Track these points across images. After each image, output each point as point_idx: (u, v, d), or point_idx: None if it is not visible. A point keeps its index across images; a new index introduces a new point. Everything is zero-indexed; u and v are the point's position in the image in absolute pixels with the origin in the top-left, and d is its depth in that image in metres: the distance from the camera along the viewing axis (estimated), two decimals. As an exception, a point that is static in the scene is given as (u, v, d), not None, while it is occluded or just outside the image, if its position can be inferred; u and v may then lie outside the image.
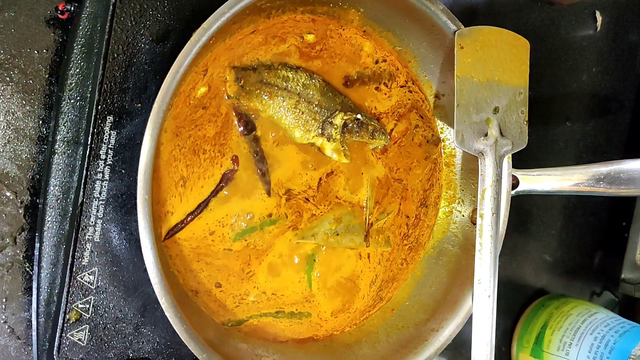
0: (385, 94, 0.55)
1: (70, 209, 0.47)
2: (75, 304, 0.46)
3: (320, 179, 0.53)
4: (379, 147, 0.55)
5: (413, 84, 0.57)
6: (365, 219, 0.55)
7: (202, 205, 0.49)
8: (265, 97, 0.50)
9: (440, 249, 0.59)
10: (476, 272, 0.50)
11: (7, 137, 0.48)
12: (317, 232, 0.53)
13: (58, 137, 0.47)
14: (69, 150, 0.47)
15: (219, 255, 0.50)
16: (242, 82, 0.50)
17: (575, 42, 0.67)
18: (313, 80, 0.52)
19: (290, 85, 0.51)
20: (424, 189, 0.58)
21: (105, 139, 0.46)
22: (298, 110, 0.51)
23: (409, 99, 0.56)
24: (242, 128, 0.50)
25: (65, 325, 0.46)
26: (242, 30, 0.49)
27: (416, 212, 0.58)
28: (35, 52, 0.48)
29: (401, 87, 0.56)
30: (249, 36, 0.49)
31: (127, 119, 0.47)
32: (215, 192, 0.50)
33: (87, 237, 0.46)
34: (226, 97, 0.50)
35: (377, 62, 0.55)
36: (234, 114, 0.50)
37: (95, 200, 0.46)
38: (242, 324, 0.52)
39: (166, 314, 0.43)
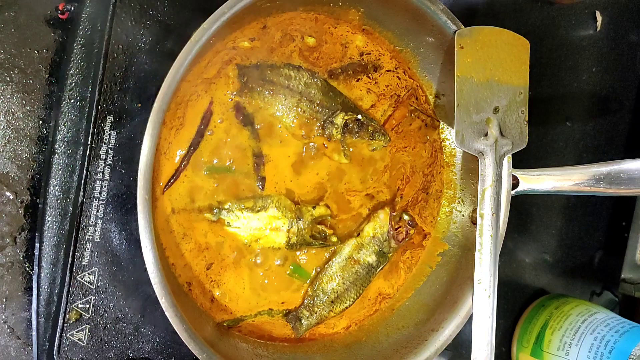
0: (368, 83, 0.55)
1: (70, 209, 0.47)
2: (75, 304, 0.46)
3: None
4: (378, 147, 0.55)
5: (404, 73, 0.57)
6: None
7: (193, 146, 0.49)
8: (267, 95, 0.50)
9: (440, 249, 0.59)
10: (476, 272, 0.50)
11: (7, 137, 0.48)
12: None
13: (58, 137, 0.47)
14: (69, 150, 0.47)
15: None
16: (245, 78, 0.50)
17: (575, 42, 0.67)
18: (315, 80, 0.52)
19: (292, 84, 0.51)
20: (424, 173, 0.58)
21: (105, 139, 0.46)
22: (299, 109, 0.51)
23: (398, 86, 0.56)
24: (240, 117, 0.50)
25: (65, 325, 0.46)
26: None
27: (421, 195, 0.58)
28: (35, 52, 0.48)
29: (388, 71, 0.56)
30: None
31: (127, 119, 0.47)
32: (199, 134, 0.49)
33: (87, 237, 0.46)
34: (230, 98, 0.50)
35: (362, 54, 0.55)
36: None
37: (95, 200, 0.46)
38: (238, 324, 0.52)
39: (166, 314, 0.43)
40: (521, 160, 0.53)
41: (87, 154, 0.46)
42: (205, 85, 0.49)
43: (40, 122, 0.48)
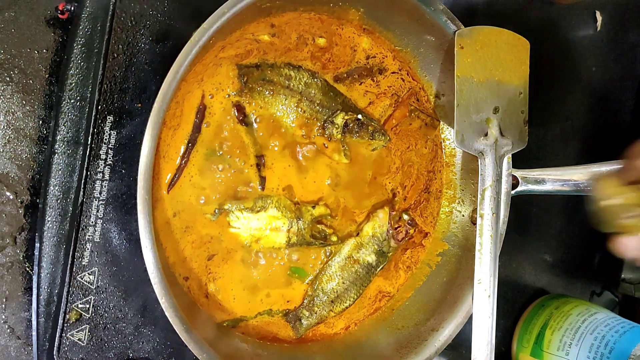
0: (369, 86, 0.55)
1: (70, 209, 0.47)
2: (75, 304, 0.46)
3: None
4: (378, 147, 0.55)
5: (407, 74, 0.57)
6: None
7: (191, 142, 0.49)
8: (268, 95, 0.50)
9: (440, 249, 0.59)
10: (476, 272, 0.50)
11: (7, 137, 0.48)
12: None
13: (58, 137, 0.47)
14: (69, 150, 0.47)
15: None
16: (245, 78, 0.50)
17: (575, 42, 0.67)
18: (315, 80, 0.52)
19: (293, 83, 0.51)
20: (427, 170, 0.58)
21: (105, 139, 0.46)
22: (300, 109, 0.51)
23: (402, 87, 0.56)
24: (241, 117, 0.50)
25: (65, 325, 0.46)
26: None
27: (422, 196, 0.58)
28: (35, 52, 0.48)
29: (392, 73, 0.56)
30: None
31: (127, 119, 0.47)
32: (196, 129, 0.49)
33: (87, 237, 0.46)
34: (227, 94, 0.50)
35: (367, 57, 0.55)
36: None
37: (95, 200, 0.46)
38: (239, 324, 0.52)
39: (166, 313, 0.43)
40: (521, 160, 0.53)
41: (87, 154, 0.46)
42: (215, 68, 0.49)
43: (40, 122, 0.48)
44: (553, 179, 0.53)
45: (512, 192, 0.53)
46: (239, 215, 0.50)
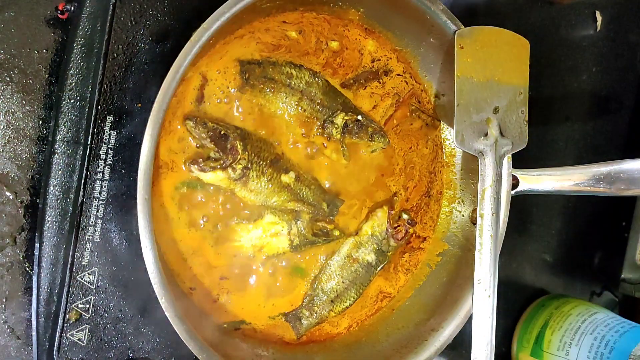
0: (375, 87, 0.55)
1: (70, 209, 0.47)
2: (75, 304, 0.46)
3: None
4: (378, 149, 0.55)
5: (411, 77, 0.57)
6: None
7: None
8: (269, 93, 0.50)
9: (440, 249, 0.59)
10: (476, 272, 0.50)
11: (7, 137, 0.48)
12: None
13: (58, 137, 0.47)
14: (69, 150, 0.47)
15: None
16: (247, 75, 0.50)
17: (575, 42, 0.67)
18: (316, 79, 0.52)
19: (294, 82, 0.51)
20: (428, 171, 0.58)
21: (105, 139, 0.46)
22: (300, 108, 0.51)
23: (404, 89, 0.56)
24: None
25: (65, 325, 0.46)
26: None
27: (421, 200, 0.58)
28: (35, 52, 0.48)
29: (397, 75, 0.56)
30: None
31: (127, 119, 0.47)
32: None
33: (87, 237, 0.46)
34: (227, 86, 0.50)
35: (373, 60, 0.55)
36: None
37: (95, 200, 0.46)
38: (240, 327, 0.52)
39: (166, 314, 0.43)
40: (521, 160, 0.53)
41: (87, 154, 0.46)
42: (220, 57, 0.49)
43: (40, 122, 0.48)
44: (553, 179, 0.53)
45: (512, 192, 0.53)
46: (236, 229, 0.50)
